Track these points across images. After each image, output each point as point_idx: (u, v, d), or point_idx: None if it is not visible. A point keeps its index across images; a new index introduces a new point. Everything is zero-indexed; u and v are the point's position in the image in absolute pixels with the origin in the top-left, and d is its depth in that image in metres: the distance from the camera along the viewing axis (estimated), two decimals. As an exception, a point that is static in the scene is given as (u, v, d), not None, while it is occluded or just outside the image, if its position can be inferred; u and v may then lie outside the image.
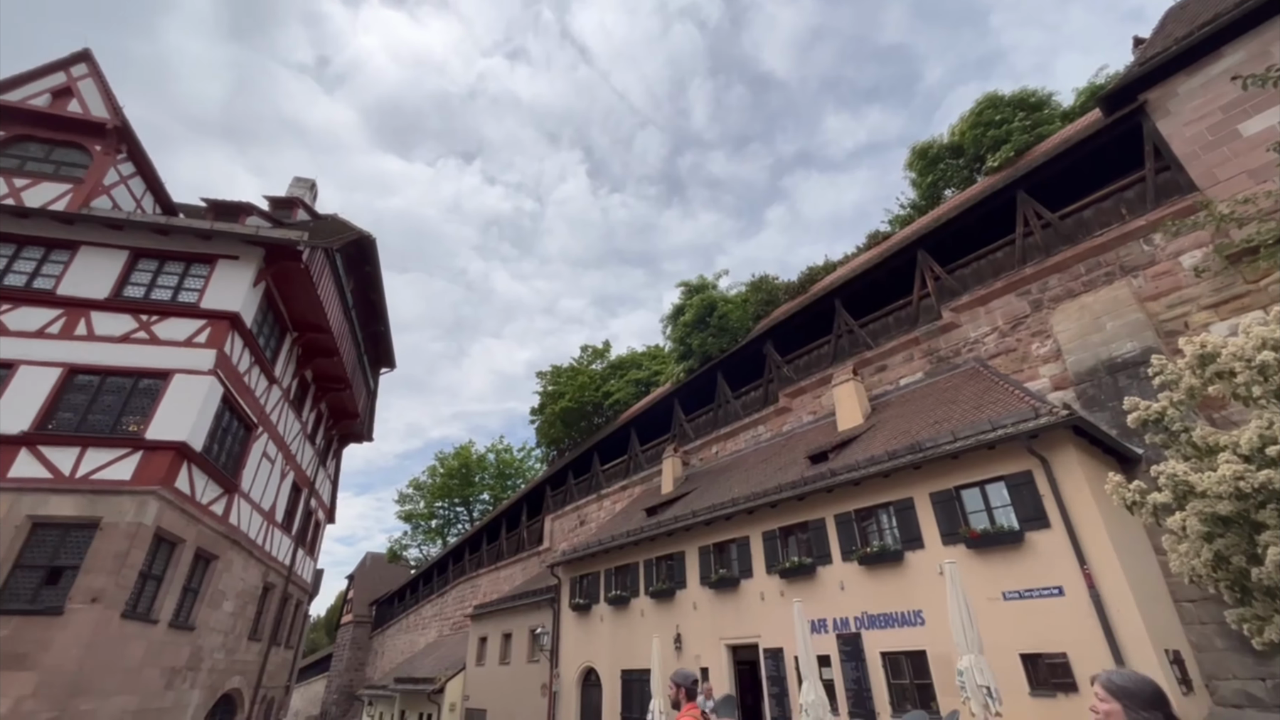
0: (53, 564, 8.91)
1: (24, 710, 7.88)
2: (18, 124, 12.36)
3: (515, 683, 18.97)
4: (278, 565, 15.76)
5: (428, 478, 48.93)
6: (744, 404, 19.57)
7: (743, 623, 12.35)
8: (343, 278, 15.80)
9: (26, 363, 10.20)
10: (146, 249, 11.81)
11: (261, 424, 13.42)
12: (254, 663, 14.68)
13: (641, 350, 34.28)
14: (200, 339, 11.14)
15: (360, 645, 45.87)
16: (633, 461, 23.73)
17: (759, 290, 21.98)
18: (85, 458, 9.60)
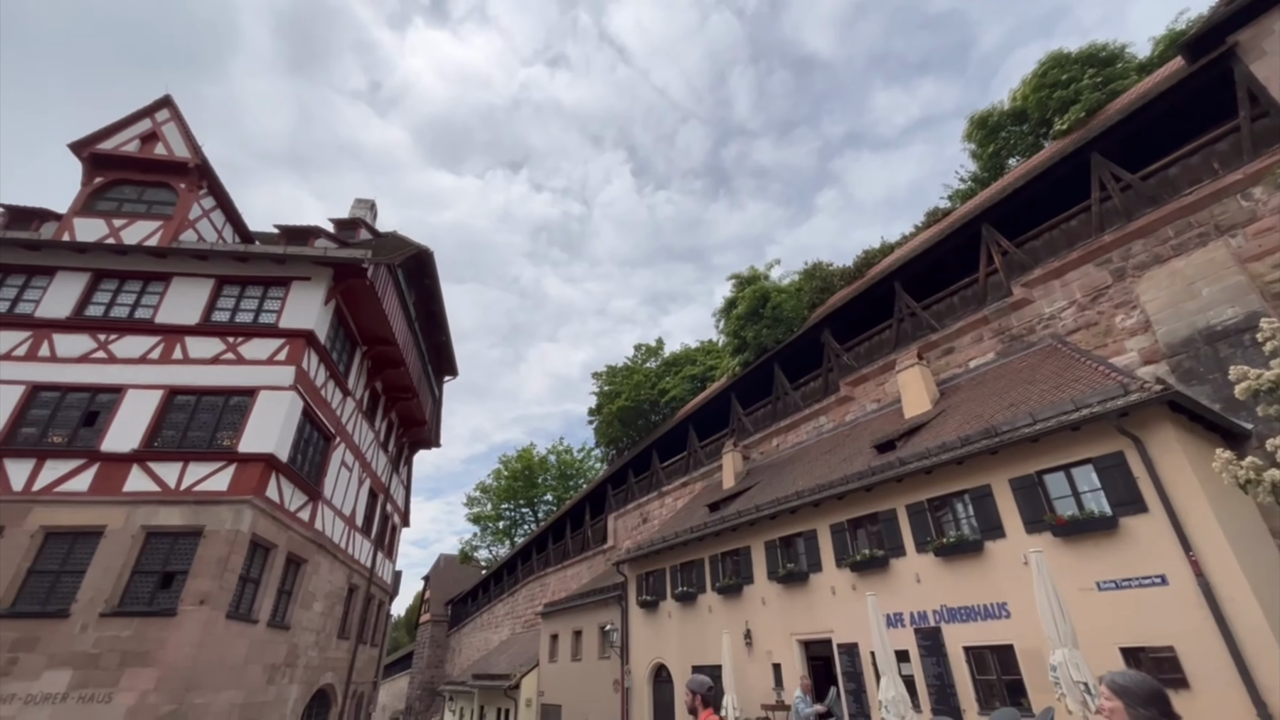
0: (165, 569, 9.73)
1: (148, 703, 8.65)
2: (114, 169, 13.53)
3: (588, 678, 19.28)
4: (360, 567, 16.63)
5: (493, 481, 50.42)
6: (803, 395, 19.15)
7: (814, 618, 12.10)
8: (405, 291, 16.49)
9: (133, 387, 11.17)
10: (229, 276, 12.69)
11: (339, 434, 14.19)
12: (344, 660, 15.55)
13: (695, 346, 34.10)
14: (280, 357, 11.89)
15: (438, 643, 47.78)
16: (692, 458, 23.66)
17: (813, 278, 21.45)
18: (187, 471, 10.44)
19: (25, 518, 9.75)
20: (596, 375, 36.98)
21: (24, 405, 10.80)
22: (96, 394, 11.08)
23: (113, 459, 10.37)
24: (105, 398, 11.07)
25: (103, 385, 11.14)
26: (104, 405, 10.99)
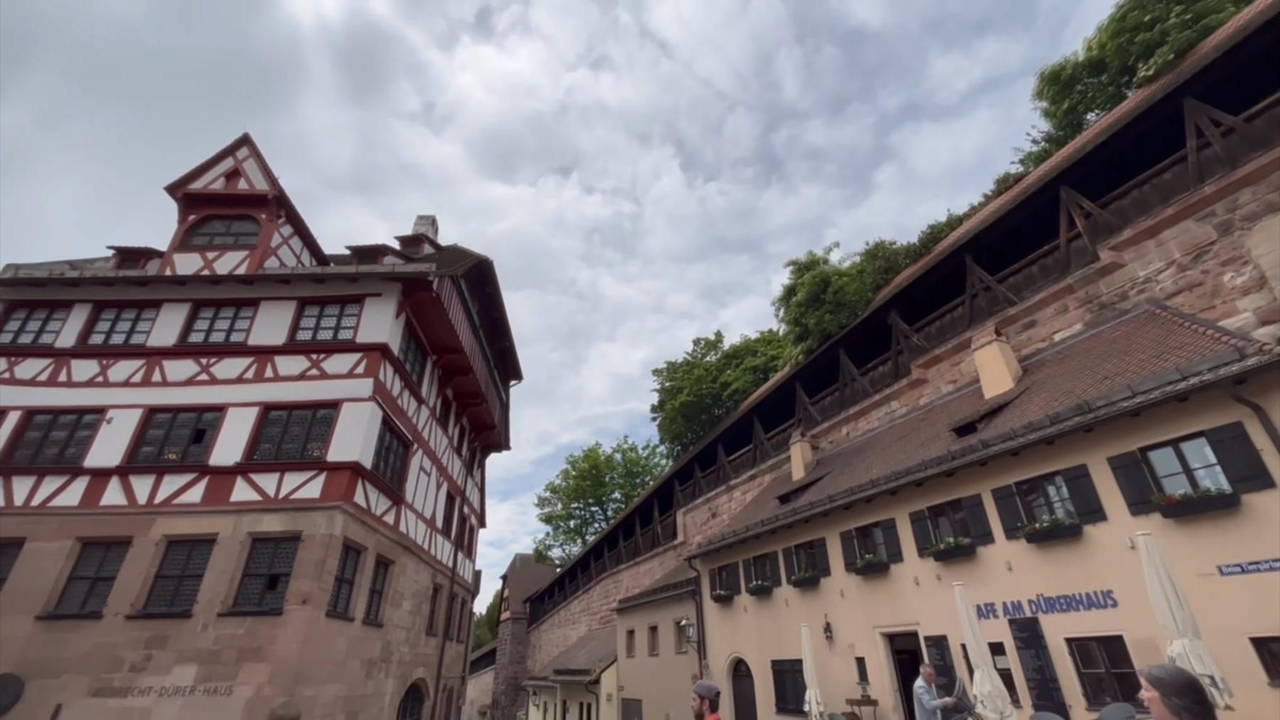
0: (270, 572, 10.50)
1: (263, 695, 9.37)
2: (204, 207, 14.71)
3: (666, 673, 19.38)
4: (443, 567, 17.38)
5: (561, 481, 51.51)
6: (872, 380, 18.48)
7: (897, 610, 11.66)
8: (468, 300, 17.08)
9: (233, 405, 12.12)
10: (309, 297, 13.54)
11: (416, 441, 14.87)
12: (433, 655, 16.30)
13: (755, 336, 33.57)
14: (359, 370, 12.58)
15: (519, 640, 49.29)
16: (758, 450, 23.32)
17: (875, 258, 20.63)
18: (284, 480, 11.23)
19: (150, 528, 10.77)
20: (657, 372, 37.08)
21: (143, 427, 11.93)
22: (202, 413, 12.10)
23: (220, 472, 11.30)
24: (210, 416, 12.07)
25: (207, 405, 12.15)
26: (209, 423, 11.99)
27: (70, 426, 12.03)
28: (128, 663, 9.62)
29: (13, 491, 11.20)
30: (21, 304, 13.56)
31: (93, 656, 9.67)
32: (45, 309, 13.54)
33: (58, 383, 12.49)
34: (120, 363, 12.69)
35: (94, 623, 9.97)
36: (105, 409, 12.08)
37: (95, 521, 10.88)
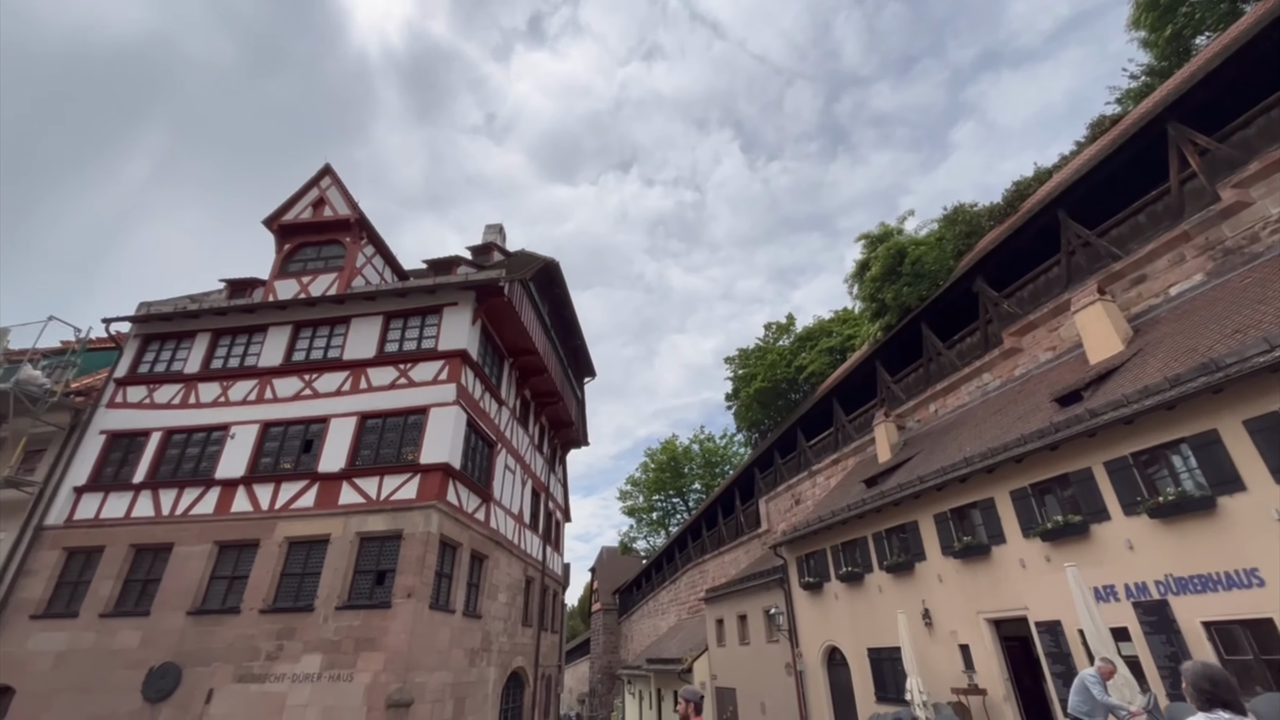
0: (377, 568, 11.31)
1: (380, 682, 10.13)
2: (297, 236, 15.96)
3: (758, 662, 19.22)
4: (533, 561, 18.06)
5: (641, 474, 52.17)
6: (959, 353, 17.41)
7: (1002, 594, 10.96)
8: (538, 303, 17.58)
9: (335, 416, 13.12)
10: (393, 311, 14.40)
11: (499, 441, 15.51)
12: (529, 645, 17.00)
13: (829, 317, 32.45)
14: (442, 376, 13.26)
15: (611, 630, 50.44)
16: (840, 433, 22.57)
17: (955, 223, 19.39)
18: (384, 483, 12.04)
19: (273, 531, 11.88)
20: (729, 360, 36.66)
21: (260, 440, 13.15)
22: (309, 425, 13.18)
23: (328, 478, 12.28)
24: (315, 427, 13.12)
25: (313, 417, 13.21)
26: (315, 434, 13.04)
27: (201, 443, 13.46)
28: (264, 652, 10.69)
29: (160, 502, 12.68)
30: (155, 336, 15.27)
31: (235, 647, 10.81)
32: (174, 339, 15.18)
33: (188, 404, 13.99)
34: (238, 383, 14.03)
35: (234, 617, 11.14)
36: (229, 425, 13.42)
37: (228, 526, 12.13)
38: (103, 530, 12.56)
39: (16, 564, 12.35)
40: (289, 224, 15.96)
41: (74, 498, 13.05)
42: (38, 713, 10.82)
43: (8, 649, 11.52)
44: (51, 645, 11.44)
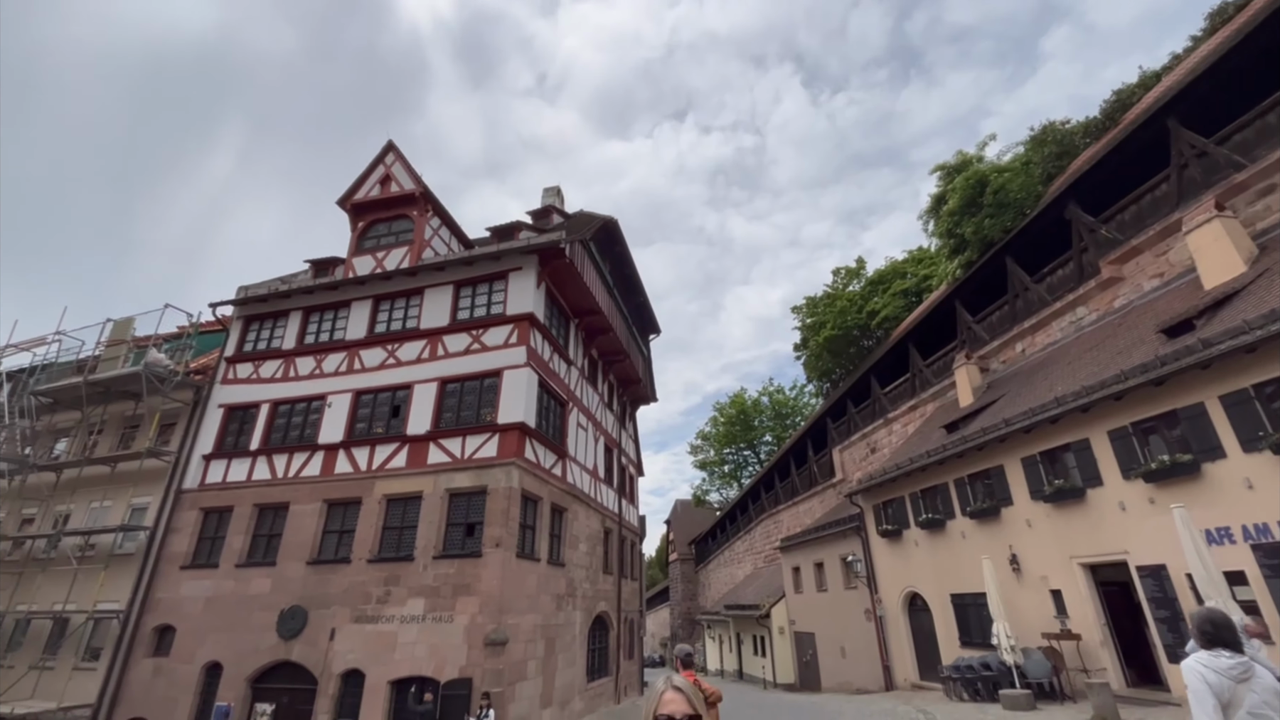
0: (467, 521, 12.12)
1: (477, 623, 11.00)
2: (368, 214, 16.68)
3: (836, 608, 19.34)
4: (609, 513, 18.76)
5: (711, 428, 52.40)
6: (1049, 287, 16.14)
7: (1099, 538, 10.42)
8: (599, 262, 17.67)
9: (417, 383, 13.91)
10: (462, 280, 14.91)
11: (570, 400, 15.99)
12: (611, 591, 17.85)
13: (903, 258, 30.75)
14: (513, 340, 13.71)
15: (689, 578, 51.99)
16: (917, 379, 21.68)
17: (1044, 144, 17.67)
18: (467, 442, 12.76)
19: (373, 489, 12.93)
20: (796, 309, 35.66)
21: (354, 408, 14.19)
22: (395, 392, 14.06)
23: (416, 440, 13.14)
24: (401, 394, 13.99)
25: (398, 384, 14.07)
26: (401, 400, 13.92)
27: (304, 412, 14.68)
28: (374, 596, 11.82)
29: (274, 466, 14.04)
30: (255, 317, 16.60)
31: (350, 592, 12.00)
32: (271, 319, 16.44)
33: (289, 378, 15.23)
34: (329, 356, 15.10)
35: (345, 566, 12.33)
36: (325, 396, 14.53)
37: (333, 486, 13.31)
38: (230, 492, 14.10)
39: (164, 523, 14.14)
40: (360, 202, 16.69)
41: (203, 464, 14.67)
42: (195, 648, 12.56)
43: (166, 595, 13.34)
44: (200, 591, 13.14)
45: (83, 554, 14.20)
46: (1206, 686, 2.57)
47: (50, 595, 13.78)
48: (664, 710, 1.52)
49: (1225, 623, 2.73)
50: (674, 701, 1.53)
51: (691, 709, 1.52)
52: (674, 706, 1.52)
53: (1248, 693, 2.53)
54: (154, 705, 12.35)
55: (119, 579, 13.67)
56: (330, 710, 11.19)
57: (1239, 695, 2.53)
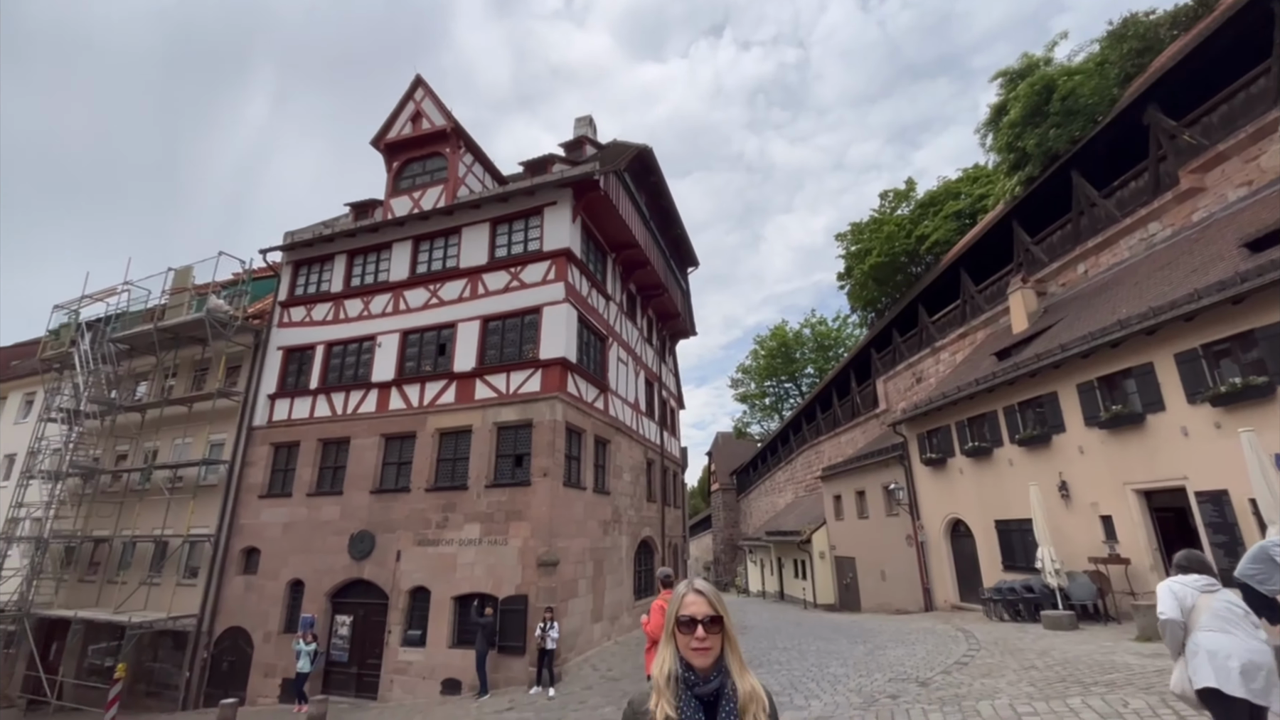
0: (515, 453, 12.65)
1: (529, 546, 11.69)
2: (402, 153, 16.60)
3: (876, 534, 19.65)
4: (651, 445, 19.22)
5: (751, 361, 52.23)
6: (1119, 201, 14.96)
7: (1157, 464, 10.11)
8: (635, 194, 17.28)
9: (460, 321, 14.23)
10: (498, 217, 14.87)
11: (610, 335, 16.11)
12: (655, 518, 18.55)
13: (956, 177, 28.86)
14: (550, 276, 13.74)
15: (730, 507, 53.48)
16: (967, 306, 20.83)
17: (1123, 40, 15.90)
18: (512, 378, 13.13)
19: (425, 424, 13.56)
20: (840, 237, 34.28)
21: (402, 347, 14.68)
22: (440, 330, 14.45)
23: (463, 376, 13.59)
24: (446, 333, 14.37)
25: (442, 324, 14.43)
26: (446, 338, 14.30)
27: (356, 352, 15.30)
28: (433, 522, 12.64)
29: (333, 403, 14.83)
30: (302, 262, 17.08)
31: (411, 518, 12.86)
32: (318, 263, 16.90)
33: (339, 320, 15.79)
34: (376, 298, 15.52)
35: (405, 495, 13.16)
36: (375, 336, 15.06)
37: (389, 421, 14.01)
38: (295, 428, 15.04)
39: (240, 457, 15.28)
40: (393, 142, 16.60)
41: (269, 403, 15.62)
42: (278, 567, 13.84)
43: (249, 521, 14.61)
44: (277, 518, 14.31)
45: (172, 485, 15.58)
46: (1170, 594, 3.47)
47: (149, 521, 15.28)
48: (686, 612, 1.59)
49: (1198, 559, 3.65)
50: (695, 604, 1.60)
51: (714, 610, 1.59)
52: (696, 608, 1.59)
53: (1212, 600, 3.32)
54: (249, 616, 13.80)
55: (206, 507, 14.99)
56: (401, 622, 12.28)
57: (1202, 603, 3.33)
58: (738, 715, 1.53)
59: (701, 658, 1.56)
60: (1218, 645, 3.18)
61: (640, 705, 1.59)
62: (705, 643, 1.56)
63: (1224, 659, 3.14)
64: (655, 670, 1.62)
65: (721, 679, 1.56)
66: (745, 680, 1.58)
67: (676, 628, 1.60)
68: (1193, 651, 3.27)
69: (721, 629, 1.59)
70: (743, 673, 1.59)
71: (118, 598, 14.67)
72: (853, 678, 8.24)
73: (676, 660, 1.59)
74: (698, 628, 1.56)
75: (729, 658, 1.60)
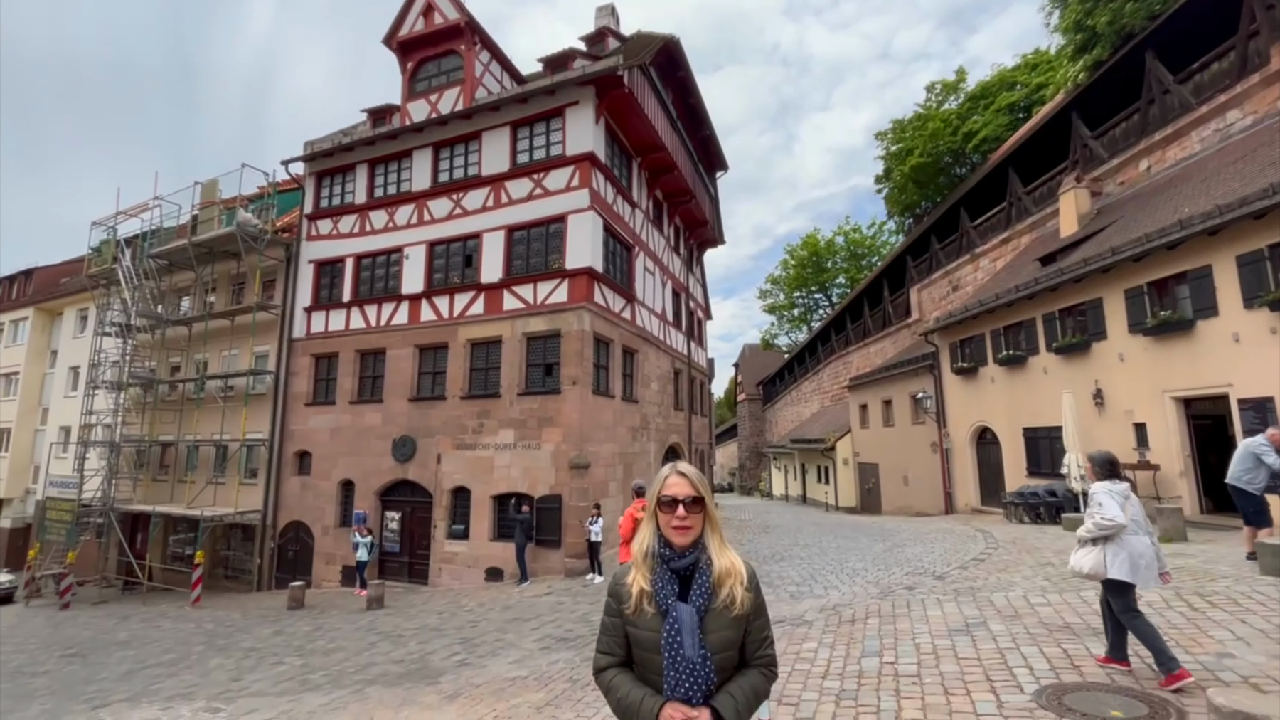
0: (544, 362, 12.91)
1: (561, 450, 12.20)
2: (416, 52, 15.76)
3: (902, 442, 19.90)
4: (678, 354, 19.37)
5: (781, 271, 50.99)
6: (1197, 86, 13.54)
7: (1200, 371, 9.82)
8: (661, 91, 16.30)
9: (485, 231, 14.08)
10: (518, 119, 14.25)
11: (636, 243, 15.81)
12: (682, 425, 19.04)
13: (1013, 65, 26.32)
14: (574, 183, 13.33)
15: (755, 416, 54.44)
16: (1014, 208, 19.68)
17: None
18: (539, 289, 13.15)
19: (457, 335, 13.83)
20: (880, 136, 32.20)
21: (429, 258, 14.70)
22: (466, 241, 14.36)
23: (490, 287, 13.65)
24: (471, 244, 14.28)
25: (467, 234, 14.31)
26: (472, 249, 14.24)
27: (384, 264, 15.41)
28: (470, 428, 13.21)
29: (367, 315, 15.16)
30: (324, 173, 16.85)
31: (448, 424, 13.46)
32: (340, 173, 16.66)
33: (366, 232, 15.78)
34: (400, 209, 15.36)
35: (442, 402, 13.69)
36: (402, 248, 15.07)
37: (421, 333, 14.33)
38: (333, 340, 15.52)
39: (284, 367, 15.96)
40: (405, 40, 15.73)
41: (306, 316, 16.05)
42: (330, 468, 14.81)
43: (298, 427, 15.49)
44: (324, 424, 15.14)
45: (224, 394, 16.47)
46: (1113, 501, 3.87)
47: (208, 427, 16.34)
48: (668, 492, 1.63)
49: (1116, 461, 4.15)
50: (677, 484, 1.63)
51: (695, 491, 1.62)
52: (678, 489, 1.62)
53: (1130, 506, 3.88)
54: (307, 511, 14.99)
55: (258, 414, 15.90)
56: (446, 518, 13.20)
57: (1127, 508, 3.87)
58: (712, 587, 1.57)
59: (681, 536, 1.61)
60: (1139, 547, 3.80)
61: (621, 578, 1.66)
62: (686, 521, 1.60)
63: (1138, 558, 3.77)
64: (635, 546, 1.70)
65: (697, 555, 1.61)
66: (724, 556, 1.62)
67: (658, 507, 1.65)
68: (1118, 549, 3.80)
69: (703, 509, 1.63)
70: (722, 549, 1.64)
71: (189, 495, 16.03)
72: (870, 571, 8.66)
73: (655, 538, 1.65)
74: (679, 507, 1.60)
75: (709, 537, 1.65)
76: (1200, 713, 3.15)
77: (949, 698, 3.80)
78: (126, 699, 7.25)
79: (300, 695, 6.57)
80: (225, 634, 10.41)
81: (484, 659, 6.95)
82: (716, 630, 1.54)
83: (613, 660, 1.63)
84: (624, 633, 1.62)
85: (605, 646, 1.65)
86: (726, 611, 1.56)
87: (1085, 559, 3.97)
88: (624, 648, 1.63)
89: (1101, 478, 4.04)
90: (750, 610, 1.59)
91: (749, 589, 1.60)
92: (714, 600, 1.56)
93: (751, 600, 1.59)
